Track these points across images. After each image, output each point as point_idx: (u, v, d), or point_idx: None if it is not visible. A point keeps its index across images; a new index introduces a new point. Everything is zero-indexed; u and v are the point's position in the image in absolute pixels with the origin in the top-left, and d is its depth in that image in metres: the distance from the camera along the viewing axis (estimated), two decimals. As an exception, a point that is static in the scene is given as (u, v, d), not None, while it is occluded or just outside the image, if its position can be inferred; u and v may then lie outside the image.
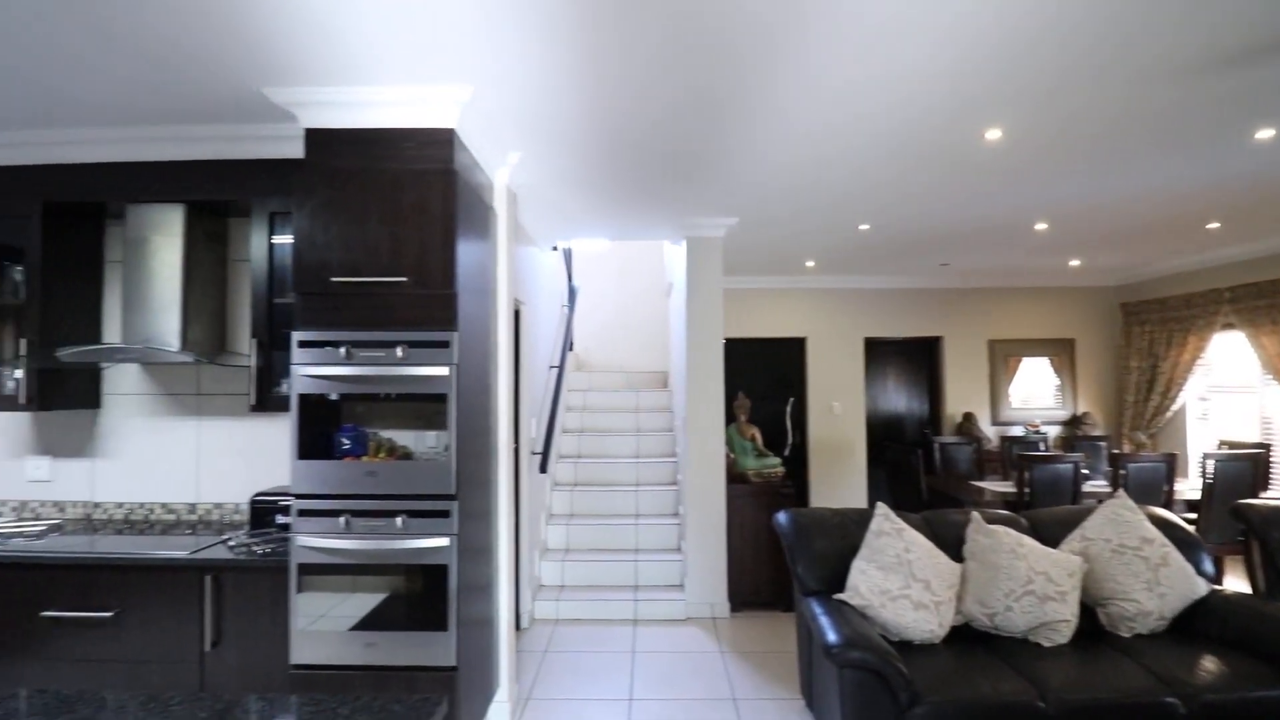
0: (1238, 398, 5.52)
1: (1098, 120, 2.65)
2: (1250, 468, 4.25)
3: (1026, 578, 2.62)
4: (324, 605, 2.31)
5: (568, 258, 6.07)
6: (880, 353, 6.88)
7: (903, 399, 7.01)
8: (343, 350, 2.26)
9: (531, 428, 4.23)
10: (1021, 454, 4.45)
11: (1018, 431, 6.38)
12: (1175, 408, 5.87)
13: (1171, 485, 4.26)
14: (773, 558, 4.33)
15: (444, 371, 2.26)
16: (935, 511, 3.12)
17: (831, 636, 2.29)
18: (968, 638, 2.66)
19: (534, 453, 4.26)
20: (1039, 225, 4.41)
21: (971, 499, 4.44)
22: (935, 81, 2.29)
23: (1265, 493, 4.31)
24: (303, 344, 2.27)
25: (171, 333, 2.69)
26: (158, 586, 2.40)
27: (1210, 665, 2.34)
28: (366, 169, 2.31)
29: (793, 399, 6.05)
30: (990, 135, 2.81)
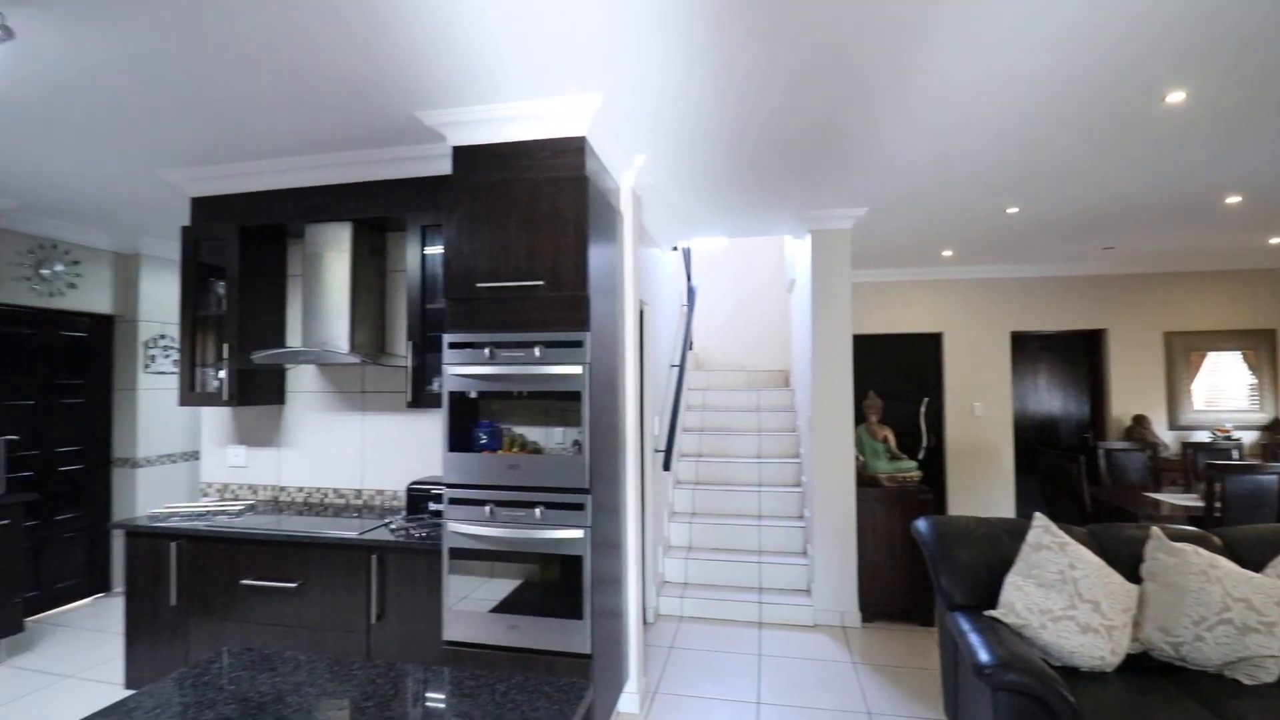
0: None
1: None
2: None
3: (1222, 604, 2.27)
4: (471, 587, 2.49)
5: (686, 257, 6.09)
6: (1029, 348, 6.27)
7: (1057, 399, 6.33)
8: (486, 351, 2.42)
9: (654, 425, 4.29)
10: (1211, 463, 3.86)
11: (1203, 437, 5.55)
12: None
13: None
14: (908, 566, 4.09)
15: (577, 370, 2.35)
16: (1105, 525, 2.79)
17: (984, 656, 2.12)
18: (1146, 668, 2.36)
19: (657, 450, 4.32)
20: (1230, 199, 3.81)
21: (1147, 512, 3.93)
22: (1106, 37, 2.05)
23: None
24: (452, 345, 2.46)
25: (342, 337, 3.02)
26: (333, 562, 2.71)
27: None
28: (506, 180, 2.46)
29: (927, 399, 5.67)
30: (1171, 98, 2.46)
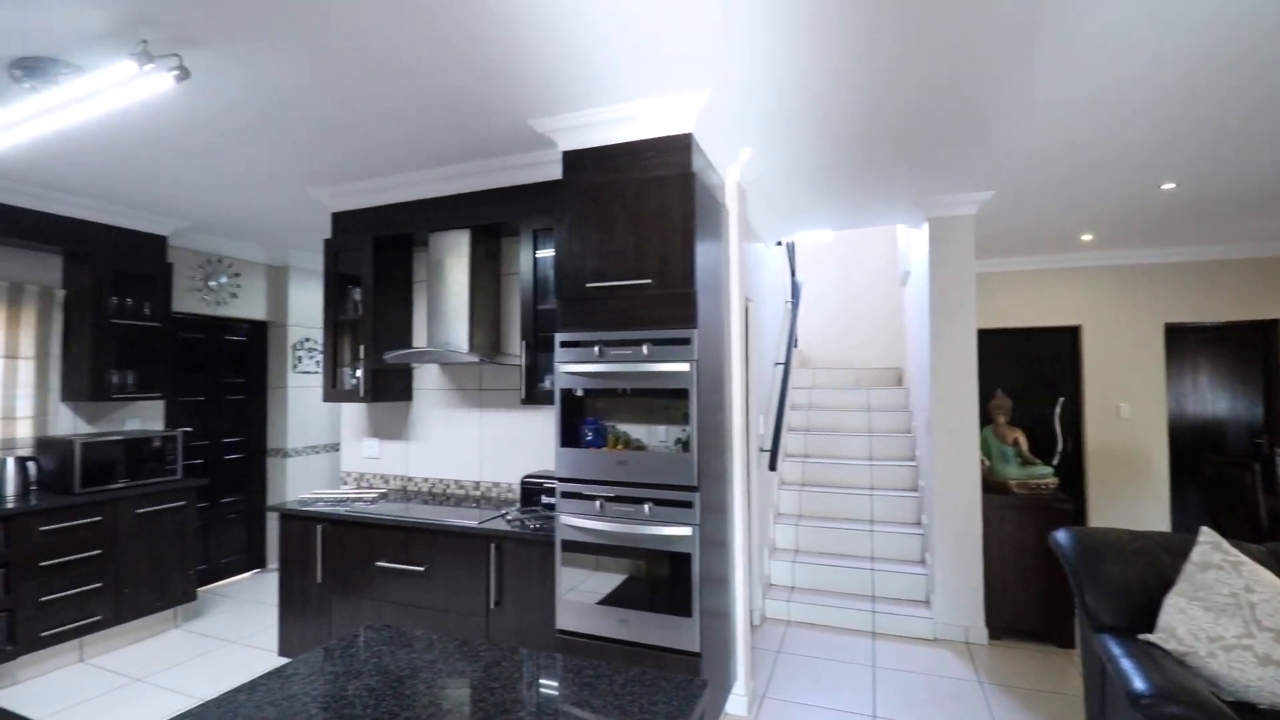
0: None
1: None
2: None
3: None
4: (580, 579, 2.56)
5: (790, 252, 5.94)
6: (1187, 342, 5.55)
7: (1223, 400, 5.56)
8: (596, 349, 2.48)
9: (760, 425, 4.21)
10: None
11: None
12: None
13: None
14: (1042, 581, 3.75)
15: (685, 368, 2.35)
16: (1291, 544, 2.42)
17: (1139, 684, 1.90)
18: (1351, 714, 2.01)
19: (762, 450, 4.24)
20: None
21: (1345, 532, 3.36)
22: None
23: None
24: (564, 344, 2.55)
25: (462, 337, 3.21)
26: (456, 549, 2.88)
27: None
28: (613, 181, 2.50)
29: (1062, 399, 5.17)
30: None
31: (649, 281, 2.41)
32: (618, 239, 2.47)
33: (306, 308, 5.38)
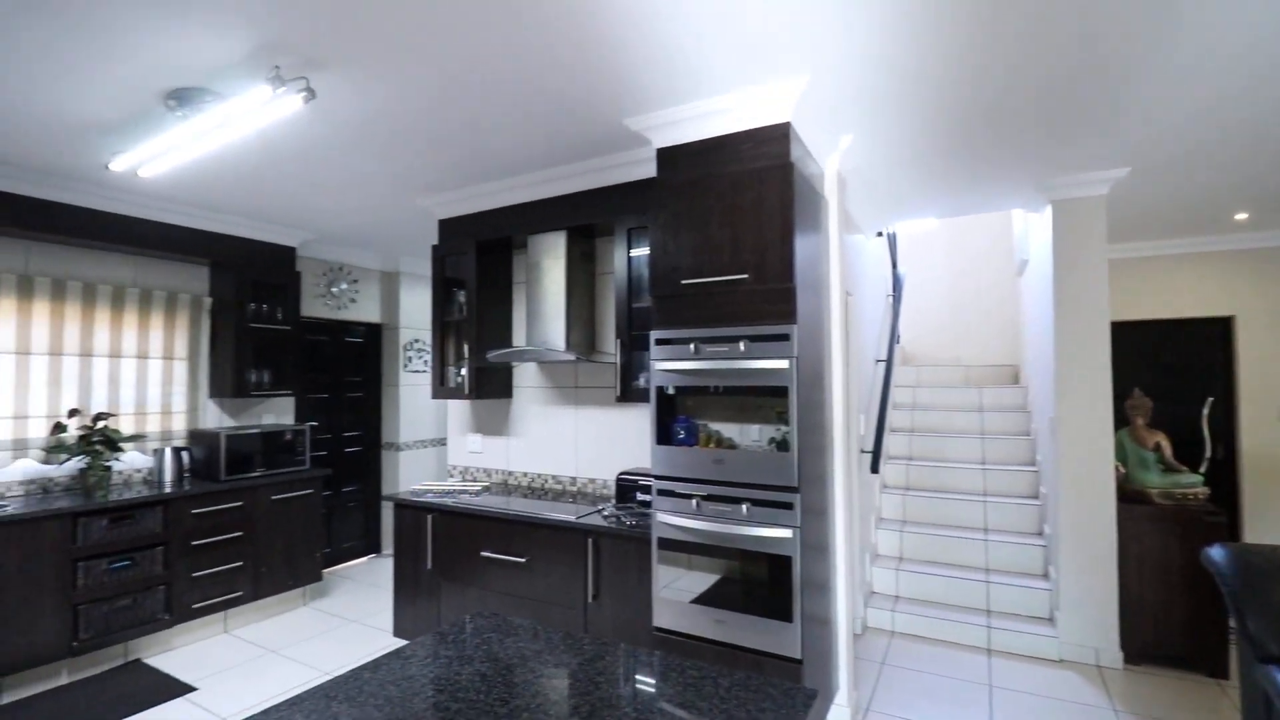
0: None
1: None
2: None
3: None
4: (674, 577, 2.54)
5: (892, 243, 5.64)
6: (1376, 334, 4.77)
7: None
8: (691, 346, 2.46)
9: (860, 425, 4.03)
10: None
11: None
12: None
13: None
14: (1189, 602, 3.34)
15: (784, 364, 2.28)
16: None
17: (1326, 727, 1.65)
18: None
19: (863, 451, 4.05)
20: None
21: None
22: None
23: None
24: (659, 342, 2.54)
25: (559, 337, 3.28)
26: (555, 543, 2.95)
27: None
28: (708, 176, 2.47)
29: (1211, 399, 4.59)
30: None
31: (746, 277, 2.35)
32: (713, 234, 2.43)
33: (416, 311, 5.71)
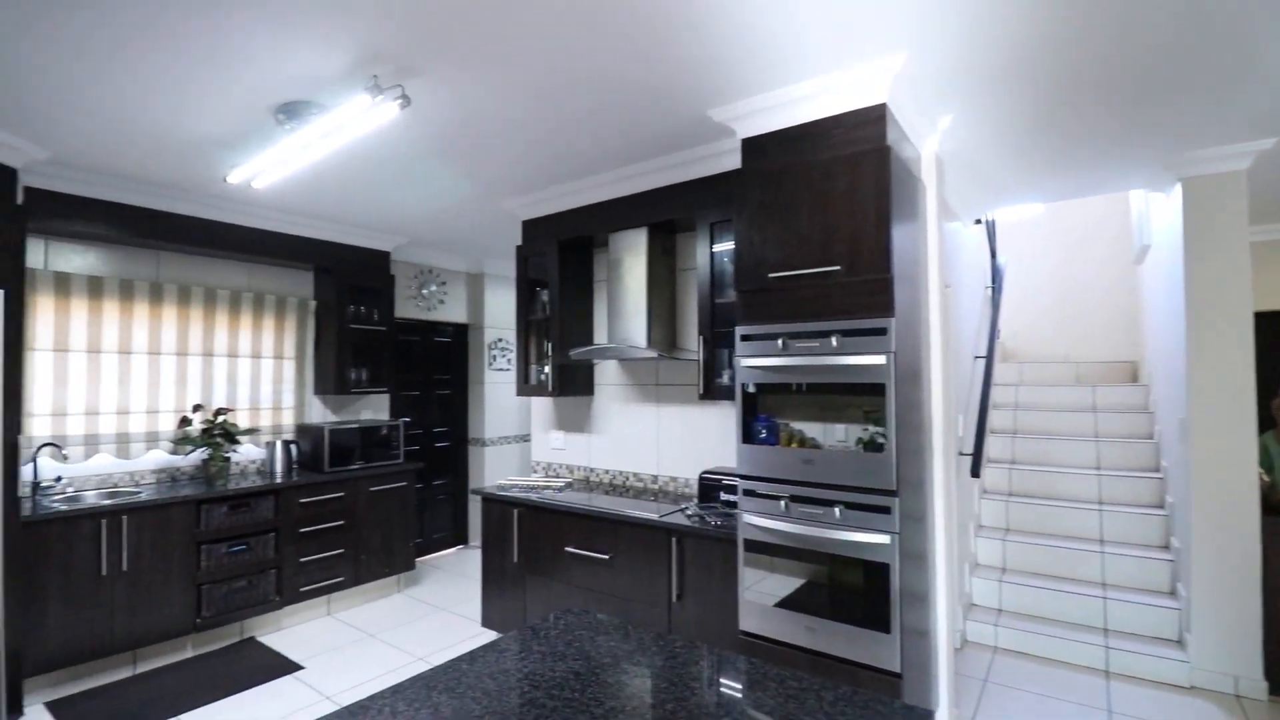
0: None
1: None
2: None
3: None
4: (765, 580, 2.46)
5: (990, 231, 5.28)
6: None
7: None
8: (779, 342, 2.37)
9: (959, 425, 3.79)
10: None
11: None
12: None
13: None
14: (1359, 633, 2.93)
15: (880, 360, 2.16)
16: None
17: None
18: None
19: (961, 454, 3.80)
20: None
21: None
22: None
23: None
24: (744, 338, 2.47)
25: (640, 334, 3.27)
26: (638, 541, 2.93)
27: None
28: (796, 164, 2.37)
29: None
30: None
31: (838, 268, 2.24)
32: (802, 225, 2.34)
33: (499, 311, 5.88)
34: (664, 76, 2.29)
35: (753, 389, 2.50)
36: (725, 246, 2.98)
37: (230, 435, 3.96)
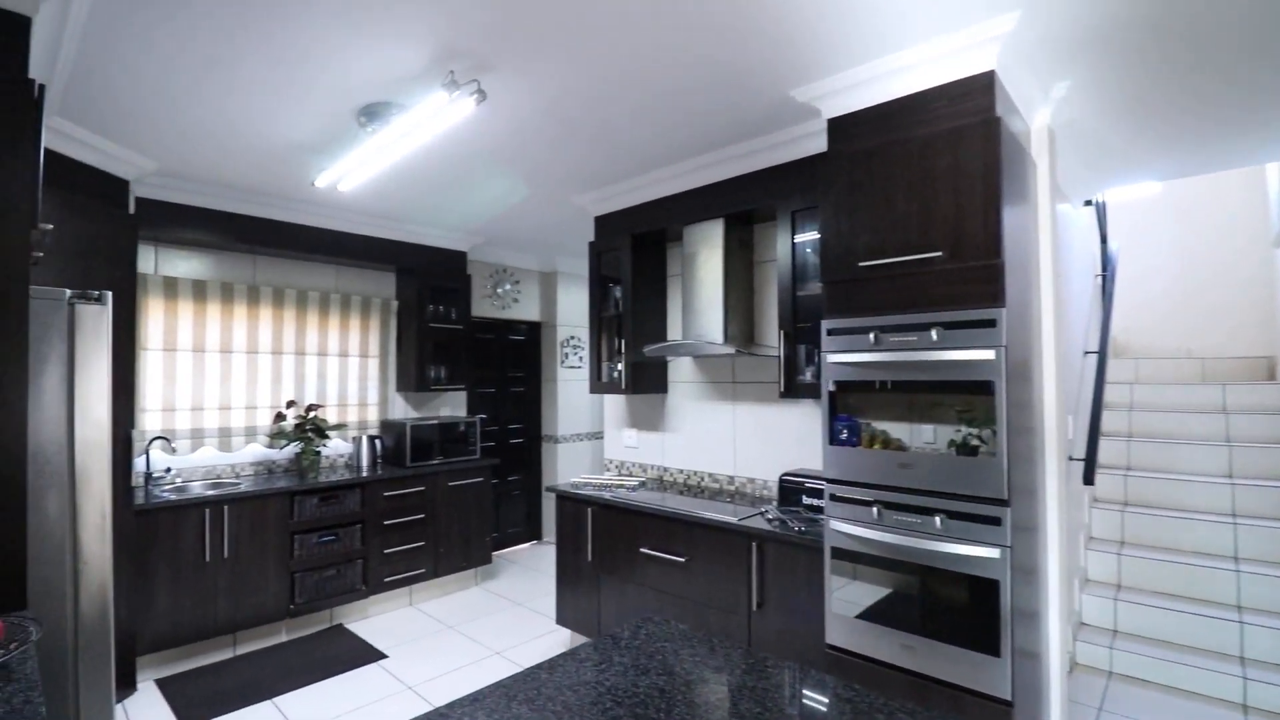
0: None
1: None
2: None
3: None
4: (856, 592, 2.30)
5: (1101, 213, 4.81)
6: None
7: None
8: (870, 336, 2.20)
9: (1068, 427, 3.45)
10: None
11: None
12: None
13: None
14: None
15: (989, 355, 1.95)
16: None
17: None
18: None
19: (1072, 459, 3.46)
20: None
21: None
22: None
23: None
24: (831, 332, 2.31)
25: (716, 329, 3.15)
26: (715, 544, 2.82)
27: None
28: (890, 143, 2.19)
29: None
30: None
31: (939, 254, 2.05)
32: (897, 208, 2.15)
33: (572, 309, 5.89)
34: (744, 55, 2.17)
35: (832, 387, 2.33)
36: (808, 236, 2.82)
37: (320, 430, 4.13)
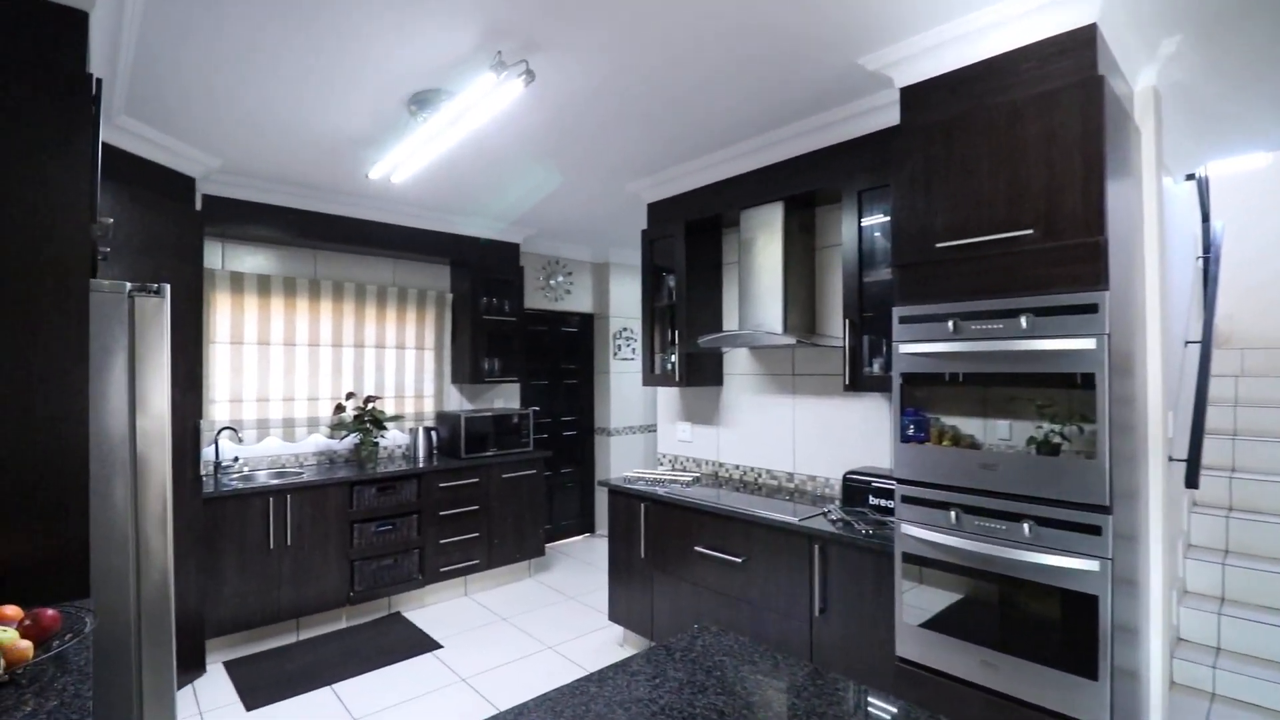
0: None
1: None
2: None
3: None
4: (930, 601, 2.12)
5: (1203, 189, 4.36)
6: None
7: None
8: (949, 324, 2.01)
9: (1169, 425, 3.12)
10: None
11: None
12: None
13: None
14: None
15: (1089, 344, 1.74)
16: None
17: None
18: None
19: (1172, 459, 3.13)
20: None
21: None
22: None
23: None
24: (904, 320, 2.13)
25: (775, 319, 2.99)
26: (773, 545, 2.68)
27: None
28: (972, 111, 1.99)
29: None
30: None
31: (1029, 232, 1.84)
32: (981, 183, 1.95)
33: (624, 300, 5.81)
34: (809, 20, 2.01)
35: (899, 380, 2.15)
36: (876, 219, 2.63)
37: (379, 421, 4.19)
